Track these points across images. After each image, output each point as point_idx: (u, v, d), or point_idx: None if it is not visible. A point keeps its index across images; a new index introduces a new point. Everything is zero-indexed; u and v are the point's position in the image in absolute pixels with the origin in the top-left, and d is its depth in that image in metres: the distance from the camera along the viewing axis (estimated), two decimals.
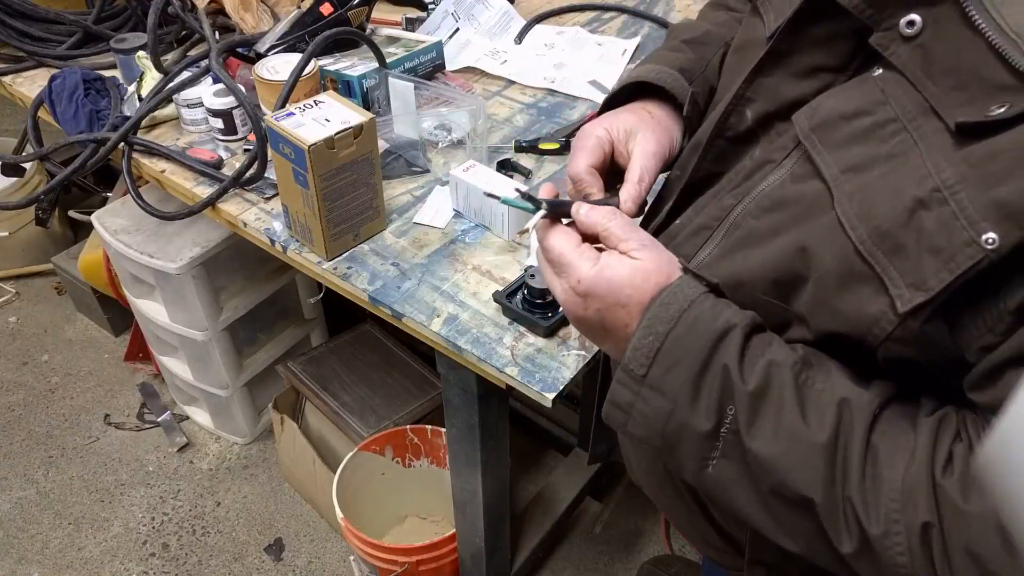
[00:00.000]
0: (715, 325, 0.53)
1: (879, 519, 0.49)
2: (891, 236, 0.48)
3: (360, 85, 1.27)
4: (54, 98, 1.32)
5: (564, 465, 1.76)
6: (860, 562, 0.51)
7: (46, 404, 2.08)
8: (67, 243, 2.39)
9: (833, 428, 0.50)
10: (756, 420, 0.52)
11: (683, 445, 0.55)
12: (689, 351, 0.53)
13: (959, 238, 0.44)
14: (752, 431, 0.52)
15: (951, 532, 0.47)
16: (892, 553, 0.49)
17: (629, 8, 1.69)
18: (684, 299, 0.54)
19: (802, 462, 0.51)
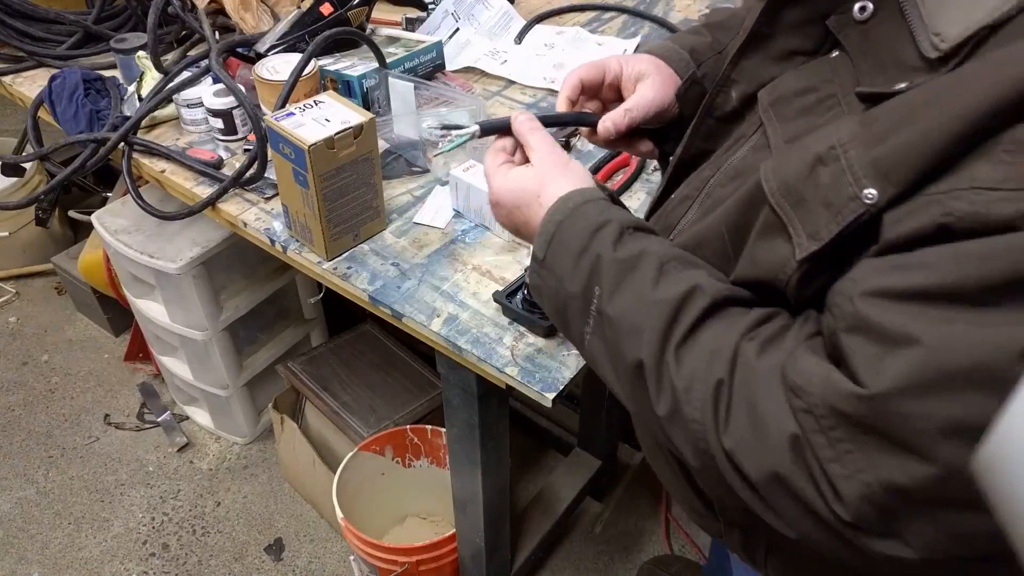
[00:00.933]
0: (598, 219, 0.62)
1: (684, 376, 0.54)
2: (795, 189, 0.52)
3: (360, 85, 1.27)
4: (54, 98, 1.32)
5: (564, 465, 1.76)
6: (673, 427, 0.55)
7: (46, 404, 2.08)
8: (67, 243, 2.39)
9: (676, 298, 0.56)
10: (615, 290, 0.59)
11: (568, 319, 0.63)
12: (573, 236, 0.62)
13: (845, 193, 0.48)
14: (611, 299, 0.59)
15: (738, 387, 0.52)
16: (689, 408, 0.53)
17: (629, 8, 1.69)
18: (581, 198, 0.64)
19: (640, 322, 0.57)
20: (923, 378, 0.43)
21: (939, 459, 0.43)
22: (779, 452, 0.49)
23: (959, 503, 0.44)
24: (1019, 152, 0.41)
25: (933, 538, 0.46)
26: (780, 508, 0.51)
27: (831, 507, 0.47)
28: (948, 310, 0.43)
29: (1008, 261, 0.41)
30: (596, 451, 1.76)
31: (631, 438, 1.94)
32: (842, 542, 0.49)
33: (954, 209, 0.43)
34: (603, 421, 1.70)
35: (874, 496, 0.45)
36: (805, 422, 0.48)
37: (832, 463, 0.47)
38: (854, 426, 0.46)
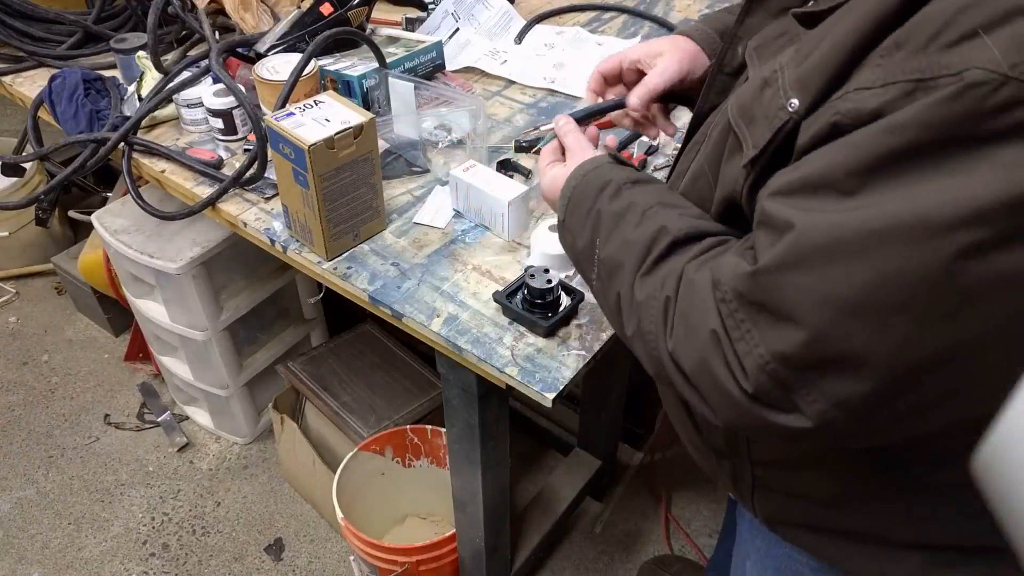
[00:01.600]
0: (601, 180, 0.72)
1: (643, 298, 0.63)
2: (747, 109, 0.60)
3: (360, 85, 1.27)
4: (54, 98, 1.32)
5: (564, 465, 1.76)
6: (636, 342, 0.65)
7: (46, 404, 2.08)
8: (67, 243, 2.39)
9: (646, 238, 0.65)
10: (607, 238, 0.69)
11: (584, 269, 0.74)
12: (584, 197, 0.73)
13: (777, 104, 0.55)
14: (604, 246, 0.69)
15: (680, 300, 0.60)
16: (646, 323, 0.63)
17: (629, 8, 1.69)
18: (591, 164, 0.75)
19: (621, 261, 0.67)
20: (792, 255, 0.51)
21: (809, 324, 0.50)
22: (703, 344, 0.57)
23: (833, 368, 0.50)
24: (888, 56, 0.48)
25: (822, 406, 0.52)
26: (707, 394, 0.58)
27: (739, 383, 0.55)
28: (820, 198, 0.50)
29: (866, 148, 0.48)
30: (596, 451, 1.76)
31: (631, 438, 1.94)
32: (753, 420, 0.55)
33: (840, 109, 0.50)
34: (603, 421, 1.70)
35: (767, 367, 0.53)
36: (722, 310, 0.56)
37: (739, 342, 0.54)
38: (749, 304, 0.54)
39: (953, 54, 0.44)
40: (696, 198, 0.71)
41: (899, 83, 0.47)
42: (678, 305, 0.60)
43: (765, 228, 0.54)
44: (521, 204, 1.09)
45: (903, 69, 0.47)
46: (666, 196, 0.70)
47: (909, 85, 0.46)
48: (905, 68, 0.47)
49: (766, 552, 0.86)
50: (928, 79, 0.45)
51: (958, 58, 0.44)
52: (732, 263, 0.56)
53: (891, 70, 0.47)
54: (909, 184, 0.46)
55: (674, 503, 1.86)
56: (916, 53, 0.46)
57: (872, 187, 0.48)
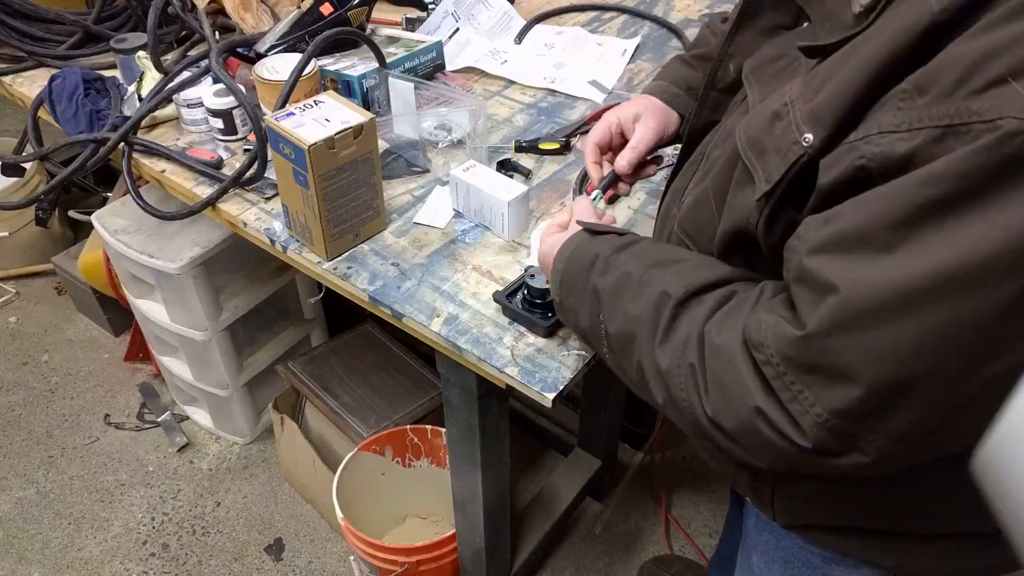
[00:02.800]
0: (587, 257, 0.74)
1: (667, 366, 0.63)
2: (758, 142, 0.60)
3: (360, 85, 1.27)
4: (54, 98, 1.32)
5: (564, 465, 1.76)
6: (669, 409, 0.65)
7: (46, 404, 2.08)
8: (67, 243, 2.39)
9: (650, 307, 0.65)
10: (611, 315, 0.70)
11: (593, 345, 0.74)
12: (576, 277, 0.74)
13: (790, 138, 0.56)
14: (611, 322, 0.70)
15: (708, 366, 0.60)
16: (676, 391, 0.63)
17: (629, 8, 1.69)
18: (572, 243, 0.77)
19: (633, 333, 0.67)
20: (842, 318, 0.51)
21: (865, 380, 0.50)
22: (747, 410, 0.57)
23: (891, 410, 0.51)
24: (910, 99, 0.48)
25: (882, 445, 0.53)
26: (756, 452, 0.59)
27: (794, 441, 0.55)
28: (860, 255, 0.50)
29: (903, 201, 0.47)
30: (596, 451, 1.76)
31: (631, 438, 1.94)
32: (809, 467, 0.57)
33: (866, 152, 0.50)
34: (603, 421, 1.70)
35: (826, 424, 0.53)
36: (767, 372, 0.56)
37: (791, 403, 0.55)
38: (799, 367, 0.54)
39: (983, 100, 0.44)
40: (697, 225, 0.71)
41: (927, 128, 0.47)
42: (708, 371, 0.60)
43: (806, 287, 0.54)
44: (521, 204, 1.09)
45: (930, 114, 0.47)
46: (654, 255, 0.71)
47: (938, 131, 0.46)
48: (932, 113, 0.46)
49: (774, 544, 0.87)
50: (958, 124, 0.45)
51: (988, 105, 0.44)
52: (771, 325, 0.56)
53: (916, 114, 0.47)
54: (949, 234, 0.46)
55: (674, 503, 1.86)
56: (943, 98, 0.46)
57: (912, 241, 0.47)
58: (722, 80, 0.76)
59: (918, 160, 0.47)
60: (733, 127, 0.67)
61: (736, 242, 0.66)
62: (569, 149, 1.27)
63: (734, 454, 0.61)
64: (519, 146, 1.26)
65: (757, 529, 0.90)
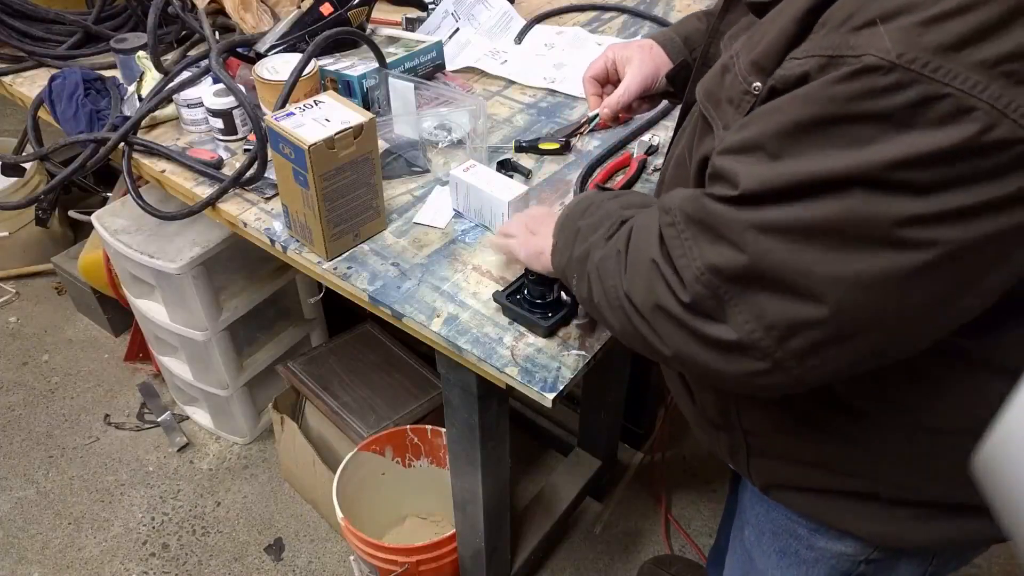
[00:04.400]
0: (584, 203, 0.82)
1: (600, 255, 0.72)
2: (712, 94, 0.66)
3: (360, 85, 1.27)
4: (54, 98, 1.32)
5: (564, 465, 1.76)
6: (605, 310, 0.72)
7: (46, 404, 2.08)
8: (67, 243, 2.39)
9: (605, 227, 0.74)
10: (584, 241, 0.77)
11: (568, 278, 0.81)
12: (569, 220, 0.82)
13: (740, 88, 0.62)
14: (578, 246, 0.77)
15: (631, 244, 0.69)
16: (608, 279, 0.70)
17: (629, 8, 1.69)
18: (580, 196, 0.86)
19: (588, 250, 0.75)
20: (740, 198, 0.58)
21: (746, 250, 0.58)
22: (647, 269, 0.65)
23: (760, 287, 0.58)
24: (815, 33, 0.55)
25: (745, 318, 0.59)
26: (653, 319, 0.65)
27: (679, 296, 0.62)
28: (756, 157, 0.58)
29: (787, 115, 0.55)
30: (596, 451, 1.76)
31: (631, 438, 1.94)
32: (689, 333, 0.63)
33: (777, 75, 0.57)
34: (603, 421, 1.70)
35: (702, 277, 0.60)
36: (667, 233, 0.64)
37: (680, 257, 0.62)
38: (695, 223, 0.61)
39: (858, 37, 0.51)
40: (678, 184, 0.77)
41: (816, 56, 0.54)
42: (629, 250, 0.69)
43: (717, 180, 0.61)
44: (521, 204, 1.09)
45: (821, 45, 0.54)
46: (637, 200, 0.79)
47: (824, 59, 0.53)
48: (823, 44, 0.54)
49: (764, 517, 0.90)
50: (837, 56, 0.52)
51: (861, 41, 0.51)
52: (681, 192, 0.65)
53: (813, 44, 0.55)
54: (815, 149, 0.54)
55: (674, 503, 1.86)
56: (832, 31, 0.53)
57: (790, 151, 0.55)
58: (714, 57, 0.79)
59: (807, 82, 0.54)
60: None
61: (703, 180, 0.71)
62: (569, 149, 1.27)
63: (646, 337, 0.67)
64: (519, 146, 1.26)
65: (751, 504, 0.93)
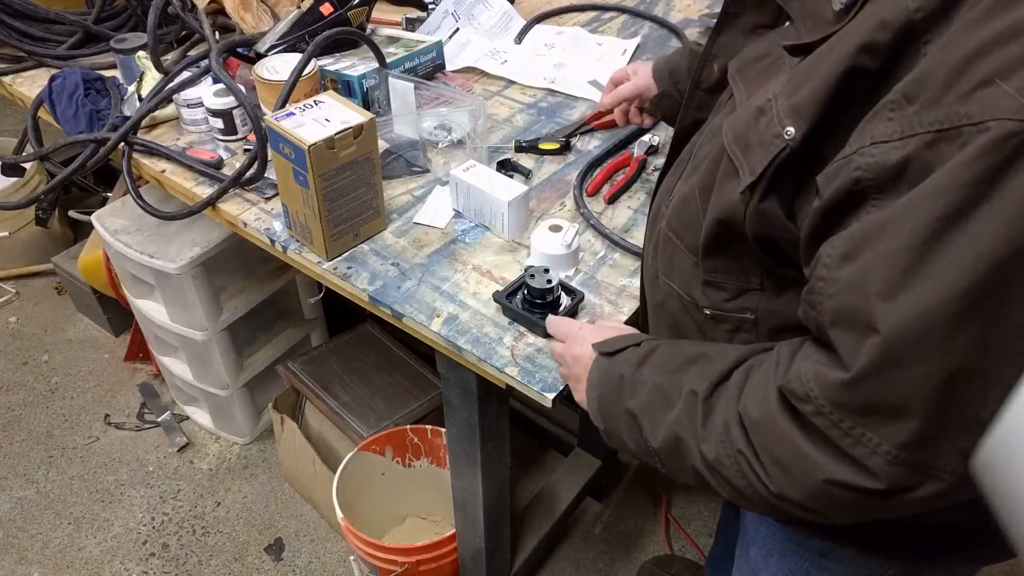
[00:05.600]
0: (613, 382, 0.74)
1: (717, 458, 0.63)
2: (743, 137, 0.61)
3: (360, 85, 1.27)
4: (54, 98, 1.32)
5: (564, 465, 1.76)
6: (740, 501, 0.65)
7: (46, 404, 2.08)
8: (67, 243, 2.39)
9: (685, 411, 0.66)
10: (651, 429, 0.69)
11: (645, 459, 0.73)
12: (611, 405, 0.74)
13: (772, 131, 0.57)
14: (654, 438, 0.69)
15: (757, 444, 0.60)
16: (736, 480, 0.62)
17: (629, 8, 1.69)
18: (595, 372, 0.77)
19: (678, 438, 0.66)
20: (888, 356, 0.50)
21: (922, 411, 0.50)
22: (810, 474, 0.56)
23: (952, 431, 0.51)
24: (900, 108, 0.49)
25: (956, 466, 0.52)
26: (832, 512, 0.59)
27: (868, 488, 0.54)
28: (888, 288, 0.49)
29: (915, 221, 0.47)
30: (596, 451, 1.76)
31: None
32: (889, 505, 0.55)
33: (861, 164, 0.51)
34: None
35: (897, 459, 0.52)
36: (820, 423, 0.55)
37: (854, 448, 0.53)
38: (854, 411, 0.53)
39: (972, 103, 0.45)
40: (683, 222, 0.73)
41: (919, 135, 0.47)
42: (759, 451, 0.60)
43: (843, 330, 0.53)
44: (521, 204, 1.09)
45: (920, 121, 0.47)
46: (673, 361, 0.71)
47: (929, 136, 0.47)
48: (923, 120, 0.47)
49: (771, 537, 0.88)
50: (949, 128, 0.46)
51: (977, 107, 0.45)
52: (811, 374, 0.55)
53: (907, 122, 0.48)
54: (966, 245, 0.46)
55: (674, 503, 1.86)
56: (932, 104, 0.47)
57: (934, 262, 0.47)
58: (707, 80, 0.78)
59: (913, 166, 0.48)
60: (719, 126, 0.69)
61: (721, 235, 0.66)
62: (569, 149, 1.27)
63: (810, 518, 0.61)
64: (519, 146, 1.26)
65: (755, 523, 0.91)
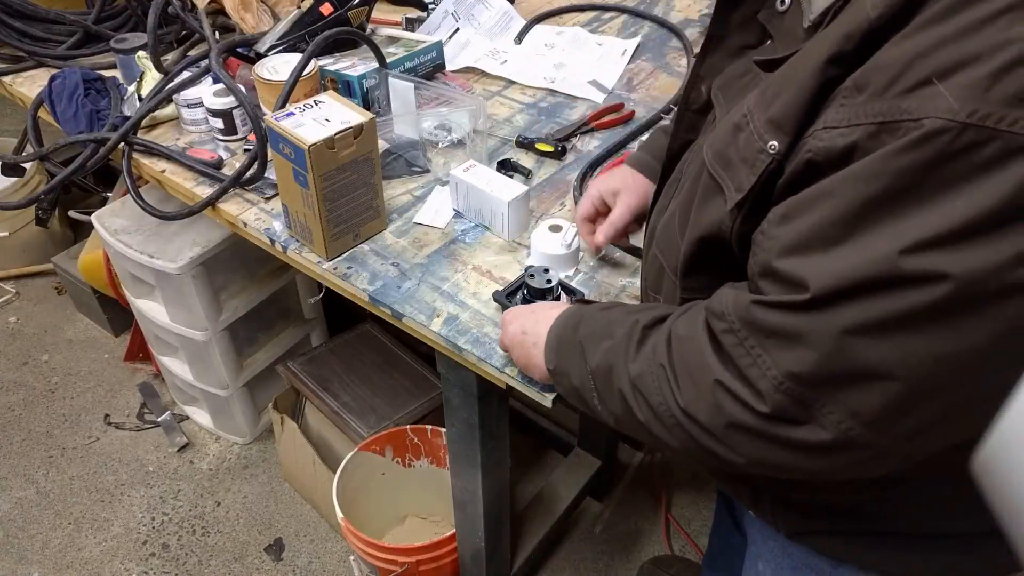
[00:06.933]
0: (573, 320, 0.78)
1: (642, 376, 0.66)
2: (723, 154, 0.62)
3: (360, 85, 1.27)
4: (54, 98, 1.32)
5: (564, 465, 1.76)
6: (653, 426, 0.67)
7: (46, 404, 2.08)
8: (67, 243, 2.39)
9: (624, 335, 0.70)
10: (592, 353, 0.73)
11: (585, 400, 0.76)
12: (564, 338, 0.78)
13: (755, 147, 0.58)
14: (591, 359, 0.73)
15: (676, 359, 0.63)
16: (652, 396, 0.65)
17: (629, 8, 1.69)
18: (561, 315, 0.81)
19: (610, 364, 0.70)
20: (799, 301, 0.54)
21: (817, 347, 0.53)
22: (711, 386, 0.60)
23: (847, 383, 0.53)
24: (851, 96, 0.52)
25: (838, 418, 0.54)
26: (726, 435, 0.61)
27: (756, 408, 0.57)
28: (817, 250, 0.53)
29: (847, 198, 0.51)
30: (596, 451, 1.76)
31: (631, 438, 1.94)
32: (772, 441, 0.58)
33: (812, 147, 0.54)
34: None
35: (782, 386, 0.55)
36: (726, 340, 0.59)
37: (750, 368, 0.57)
38: (759, 330, 0.57)
39: (911, 99, 0.48)
40: (668, 242, 0.75)
41: (864, 125, 0.50)
42: (675, 363, 0.63)
43: (773, 281, 0.57)
44: (521, 204, 1.09)
45: (866, 111, 0.50)
46: (632, 307, 0.77)
47: (873, 127, 0.50)
48: (868, 111, 0.50)
49: (781, 552, 0.86)
50: (890, 122, 0.49)
51: (916, 104, 0.48)
52: (731, 295, 0.60)
53: (855, 111, 0.51)
54: (889, 227, 0.50)
55: (674, 503, 1.86)
56: (876, 96, 0.50)
57: (857, 237, 0.51)
58: (695, 101, 0.78)
59: (857, 154, 0.51)
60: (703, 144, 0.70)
61: (704, 252, 0.68)
62: (564, 153, 1.26)
63: (718, 452, 0.62)
64: (519, 141, 1.27)
65: (763, 537, 0.90)
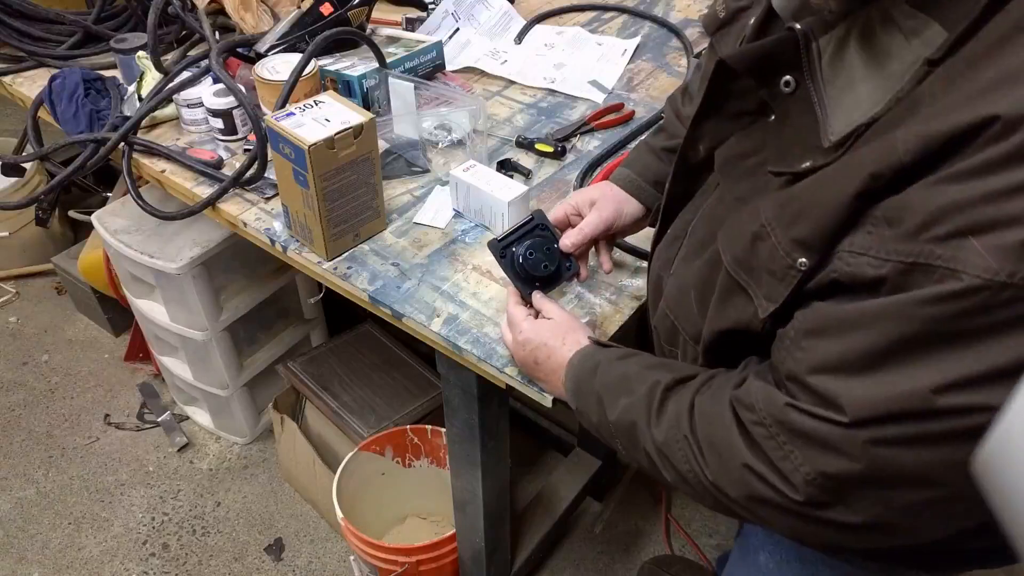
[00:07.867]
0: (591, 364, 0.81)
1: (667, 443, 0.68)
2: (743, 261, 0.64)
3: (360, 85, 1.27)
4: (54, 98, 1.32)
5: (564, 465, 1.76)
6: (683, 487, 0.69)
7: (46, 404, 2.08)
8: (67, 243, 2.39)
9: (644, 394, 0.72)
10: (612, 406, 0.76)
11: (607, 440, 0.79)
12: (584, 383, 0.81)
13: (783, 263, 0.60)
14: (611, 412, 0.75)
15: (700, 433, 0.66)
16: (680, 464, 0.67)
17: (629, 8, 1.69)
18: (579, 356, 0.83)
19: (633, 422, 0.72)
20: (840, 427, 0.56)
21: (862, 461, 0.54)
22: (740, 471, 0.62)
23: (878, 483, 0.55)
24: (879, 227, 0.52)
25: (870, 508, 0.57)
26: (759, 512, 0.63)
27: (788, 495, 0.59)
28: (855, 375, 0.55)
29: (881, 333, 0.52)
30: (596, 451, 1.76)
31: None
32: (803, 519, 0.60)
33: (838, 268, 0.55)
34: None
35: (815, 481, 0.57)
36: (759, 433, 0.60)
37: (782, 461, 0.59)
38: (792, 432, 0.58)
39: (946, 248, 0.48)
40: (682, 312, 0.77)
41: (894, 261, 0.51)
42: (700, 438, 0.65)
43: (805, 391, 0.58)
44: (521, 204, 1.09)
45: (897, 249, 0.51)
46: (648, 361, 0.78)
47: (904, 266, 0.51)
48: (900, 249, 0.51)
49: (788, 543, 0.87)
50: (924, 264, 0.50)
51: (950, 253, 0.48)
52: (761, 389, 0.61)
53: (885, 245, 0.52)
54: (920, 366, 0.51)
55: (674, 503, 1.86)
56: (908, 237, 0.50)
57: (888, 369, 0.53)
58: (692, 158, 0.78)
59: (887, 287, 0.52)
60: (715, 215, 0.72)
61: (729, 341, 0.70)
62: (564, 153, 1.26)
63: (747, 518, 0.65)
64: (520, 141, 1.27)
65: (766, 530, 0.89)
